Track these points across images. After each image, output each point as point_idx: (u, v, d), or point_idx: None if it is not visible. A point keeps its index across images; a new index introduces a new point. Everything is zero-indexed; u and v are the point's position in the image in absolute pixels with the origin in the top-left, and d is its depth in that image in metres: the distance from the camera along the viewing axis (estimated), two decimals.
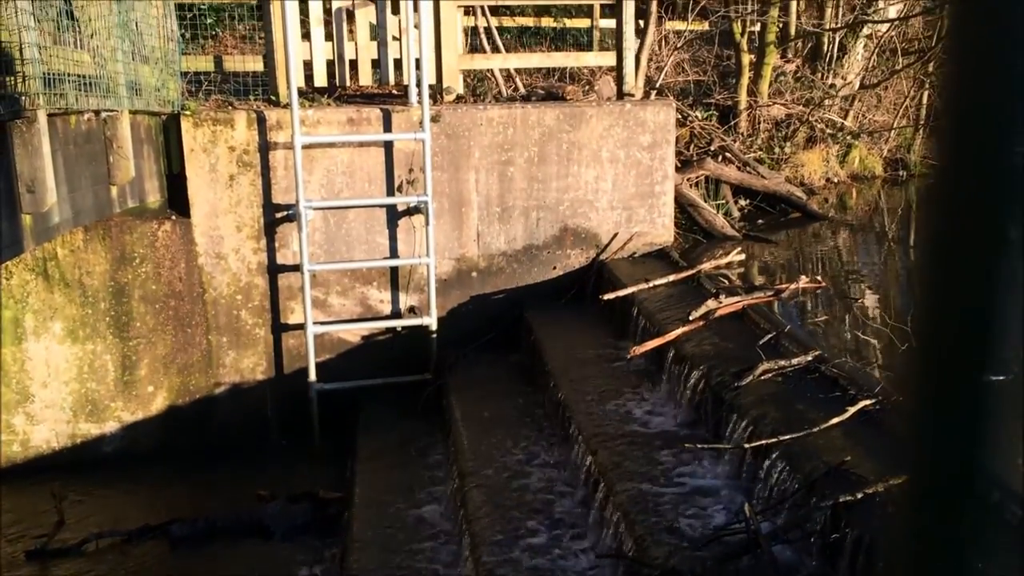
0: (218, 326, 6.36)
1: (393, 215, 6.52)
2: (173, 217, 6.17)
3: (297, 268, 6.31)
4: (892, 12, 10.32)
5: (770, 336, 4.71)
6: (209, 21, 8.06)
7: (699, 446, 4.08)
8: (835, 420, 3.62)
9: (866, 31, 10.56)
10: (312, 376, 6.35)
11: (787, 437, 3.59)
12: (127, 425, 6.22)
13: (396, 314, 6.67)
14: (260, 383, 6.49)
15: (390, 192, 6.47)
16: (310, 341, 6.31)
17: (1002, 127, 0.41)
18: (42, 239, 3.92)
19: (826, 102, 10.16)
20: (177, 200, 6.21)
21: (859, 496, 3.05)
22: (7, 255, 3.52)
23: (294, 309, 6.47)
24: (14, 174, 3.54)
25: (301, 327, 6.41)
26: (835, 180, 10.15)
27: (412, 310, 6.67)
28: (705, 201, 8.04)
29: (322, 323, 6.45)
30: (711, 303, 5.20)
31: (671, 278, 6.05)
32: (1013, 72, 0.40)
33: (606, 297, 6.06)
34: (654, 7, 8.24)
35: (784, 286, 5.48)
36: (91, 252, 5.96)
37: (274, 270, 6.40)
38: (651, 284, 5.97)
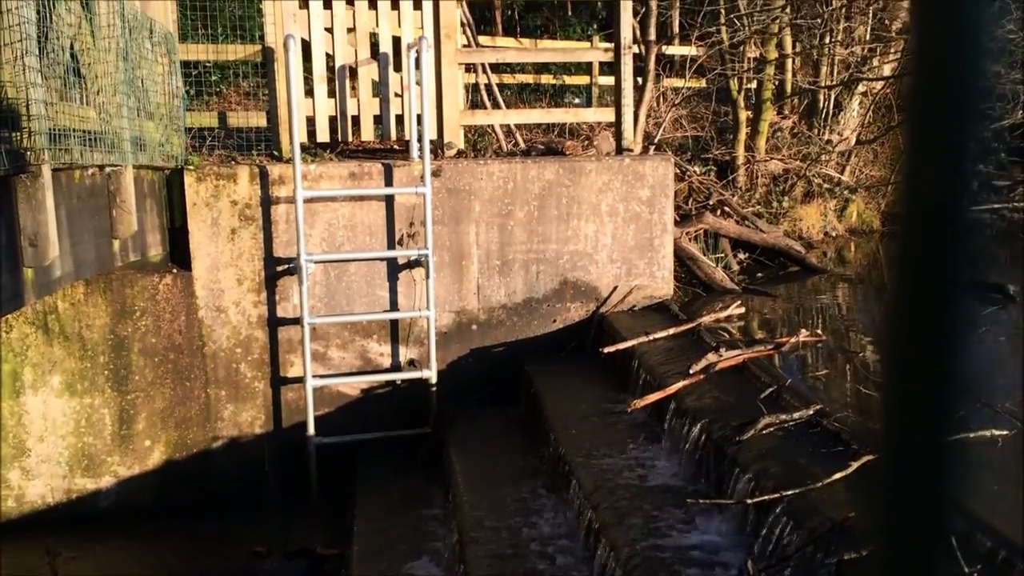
0: (217, 379, 6.34)
1: (394, 268, 6.55)
2: (174, 270, 6.19)
3: (297, 321, 6.31)
4: (887, 70, 10.49)
5: (771, 390, 4.69)
6: (214, 78, 8.20)
7: (701, 501, 4.04)
8: (838, 475, 3.59)
9: (861, 88, 10.72)
10: (311, 430, 6.31)
11: (790, 492, 3.55)
12: (123, 480, 6.16)
13: (396, 367, 6.65)
14: (258, 437, 6.45)
15: (391, 245, 6.51)
16: (309, 394, 6.28)
17: (956, 190, 0.44)
18: (43, 292, 3.94)
19: (823, 157, 10.27)
20: (179, 253, 6.24)
21: (863, 553, 3.01)
22: (8, 308, 3.52)
23: (293, 362, 6.46)
24: (17, 228, 3.56)
25: (300, 380, 6.39)
26: (833, 234, 10.21)
27: (412, 363, 6.66)
28: (704, 254, 8.08)
29: (321, 376, 6.43)
30: (711, 356, 5.20)
31: (671, 331, 6.05)
32: (966, 140, 0.43)
33: (606, 350, 6.05)
34: (652, 65, 8.38)
35: (784, 340, 5.47)
36: (91, 305, 5.97)
37: (274, 323, 6.40)
38: (651, 337, 5.97)
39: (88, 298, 5.95)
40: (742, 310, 6.63)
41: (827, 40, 10.35)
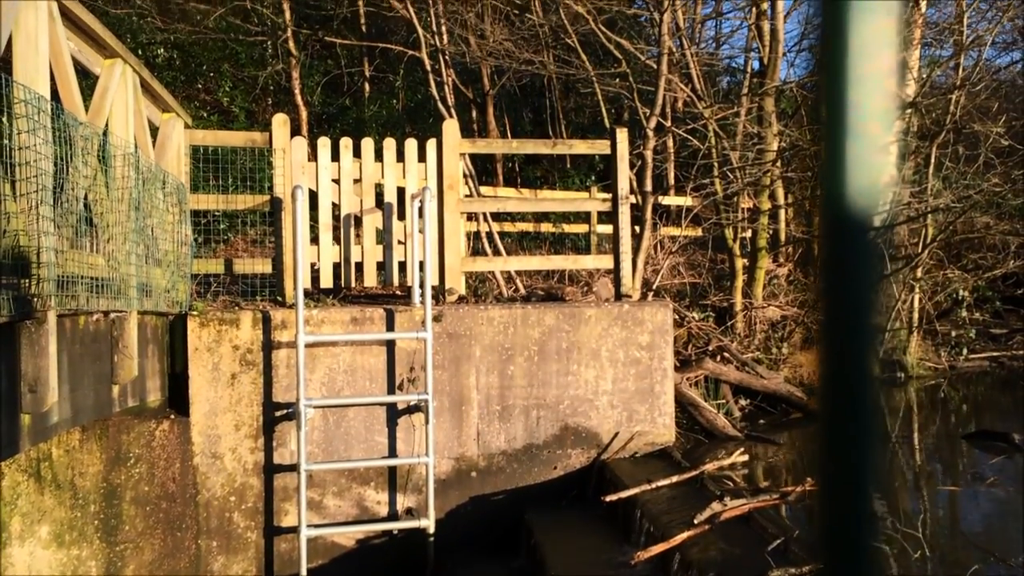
0: (209, 529, 6.17)
1: (393, 413, 6.50)
2: (172, 416, 6.14)
3: (294, 468, 6.20)
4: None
5: (779, 542, 4.56)
6: (223, 226, 8.41)
7: None
8: None
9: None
10: None
11: None
12: None
13: (393, 516, 6.48)
14: None
15: (391, 390, 6.48)
16: (303, 545, 6.10)
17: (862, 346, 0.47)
18: (39, 439, 3.89)
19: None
20: (177, 399, 6.21)
21: None
22: (3, 456, 3.48)
23: (288, 511, 6.30)
24: (18, 373, 3.56)
25: (294, 530, 6.22)
26: None
27: (409, 512, 6.50)
28: (705, 400, 8.03)
29: (316, 526, 6.26)
30: (716, 506, 5.08)
31: (674, 479, 5.93)
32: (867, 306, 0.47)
33: (609, 499, 5.91)
34: (649, 214, 8.61)
35: (790, 489, 5.36)
36: (86, 452, 5.89)
37: (270, 470, 6.29)
38: (654, 485, 5.85)
39: (83, 444, 5.88)
40: (745, 457, 6.53)
41: (818, 192, 10.65)
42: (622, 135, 7.36)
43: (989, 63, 12.36)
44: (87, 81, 5.63)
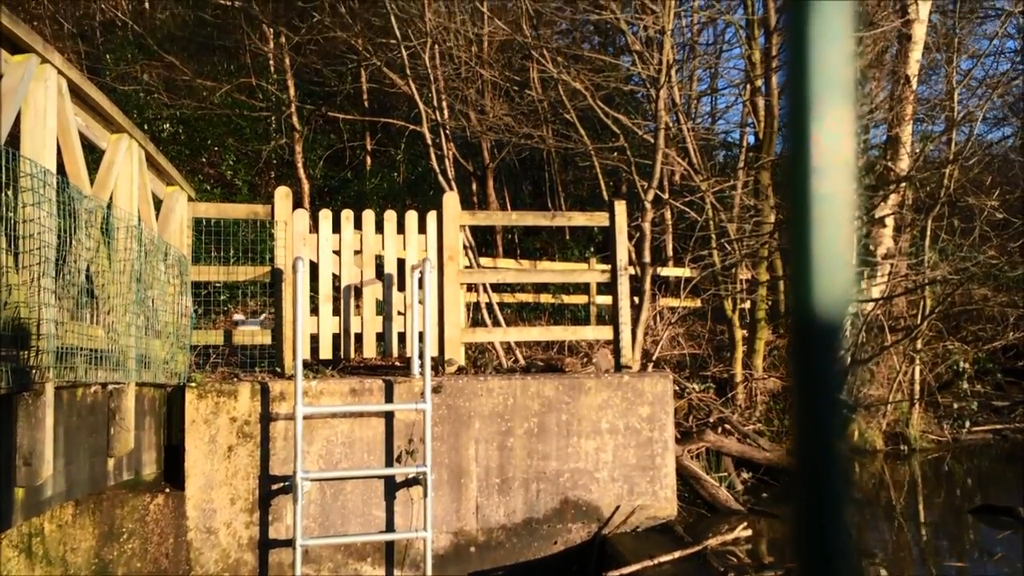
0: None
1: (391, 486, 6.42)
2: (167, 490, 6.06)
3: (290, 543, 6.10)
4: (875, 292, 10.80)
5: None
6: (223, 297, 8.43)
7: None
8: None
9: (852, 309, 10.99)
10: None
11: None
12: None
13: None
14: None
15: (389, 463, 6.41)
16: None
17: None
18: (32, 514, 3.84)
19: None
20: (173, 472, 6.14)
21: None
22: None
23: None
24: (14, 447, 3.54)
25: None
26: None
27: None
28: (707, 473, 7.94)
29: None
30: None
31: (676, 555, 5.83)
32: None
33: (610, 575, 5.80)
34: (648, 285, 8.64)
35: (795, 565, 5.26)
36: (79, 527, 5.79)
37: (265, 545, 6.18)
38: (656, 561, 5.75)
39: (76, 519, 5.78)
40: (749, 532, 6.43)
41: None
42: (620, 207, 7.45)
43: (981, 138, 12.58)
44: (93, 155, 5.72)
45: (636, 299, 8.61)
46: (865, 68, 11.50)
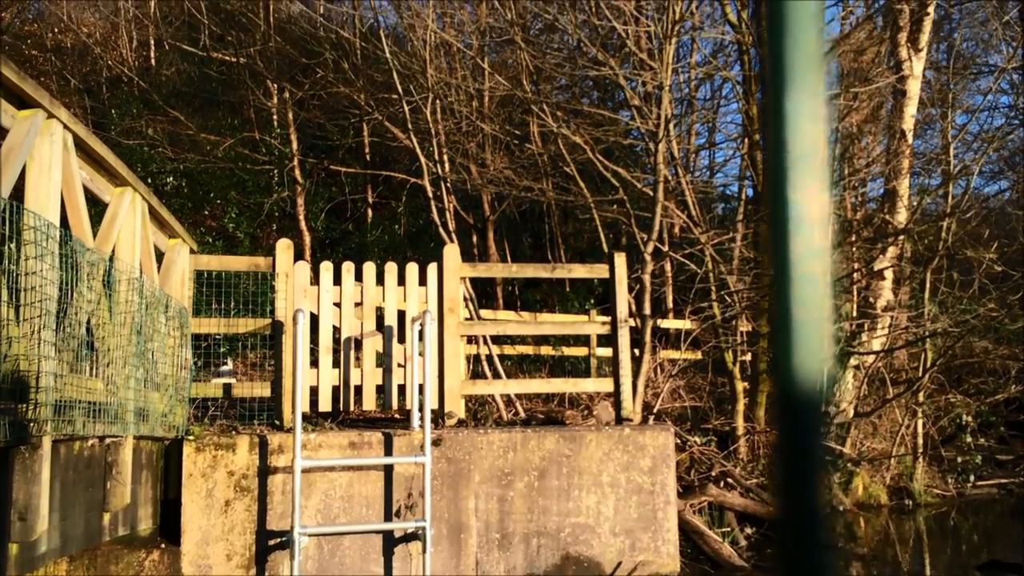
0: None
1: (390, 541, 6.33)
2: (163, 545, 5.98)
3: None
4: (876, 344, 10.79)
5: None
6: (223, 349, 8.42)
7: None
8: None
9: (853, 361, 10.96)
10: None
11: None
12: None
13: None
14: None
15: (388, 517, 6.34)
16: None
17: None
18: (25, 570, 3.78)
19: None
20: (169, 526, 6.06)
21: None
22: None
23: None
24: (9, 501, 3.50)
25: None
26: (840, 508, 9.97)
27: None
28: (710, 528, 7.84)
29: None
30: None
31: None
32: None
33: None
34: (648, 337, 8.64)
35: None
36: None
37: None
38: None
39: (70, 575, 5.69)
40: None
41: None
42: (620, 259, 7.48)
43: (977, 191, 12.69)
44: (97, 208, 5.77)
45: (636, 351, 8.59)
46: (861, 123, 11.64)
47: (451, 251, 7.38)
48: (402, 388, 7.07)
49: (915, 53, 11.34)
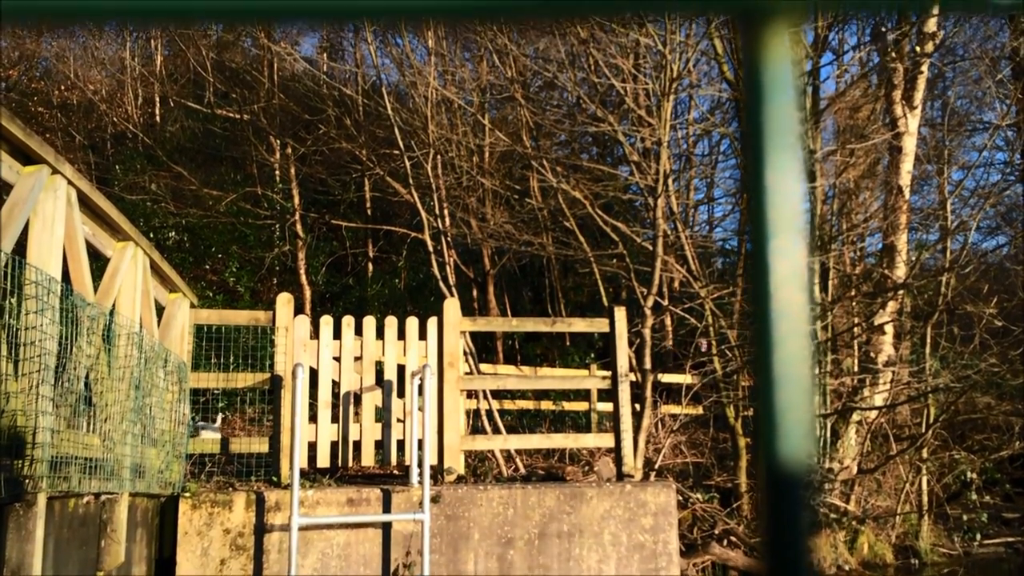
0: None
1: None
2: None
3: None
4: (878, 400, 10.73)
5: None
6: (221, 404, 8.37)
7: None
8: None
9: (856, 417, 10.89)
10: None
11: None
12: None
13: None
14: None
15: None
16: None
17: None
18: None
19: (826, 486, 10.16)
20: None
21: None
22: None
23: None
24: (2, 560, 3.44)
25: None
26: (846, 567, 9.81)
27: None
28: None
29: None
30: None
31: None
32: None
33: None
34: (648, 392, 8.59)
35: None
36: None
37: None
38: None
39: None
40: None
41: (817, 371, 10.71)
42: (620, 313, 7.47)
43: (976, 247, 12.74)
44: (99, 262, 5.79)
45: (637, 406, 8.54)
46: (858, 178, 11.75)
47: (451, 305, 7.38)
48: (401, 443, 7.01)
49: (910, 110, 11.50)
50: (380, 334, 7.21)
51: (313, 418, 6.96)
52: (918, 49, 11.34)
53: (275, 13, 0.45)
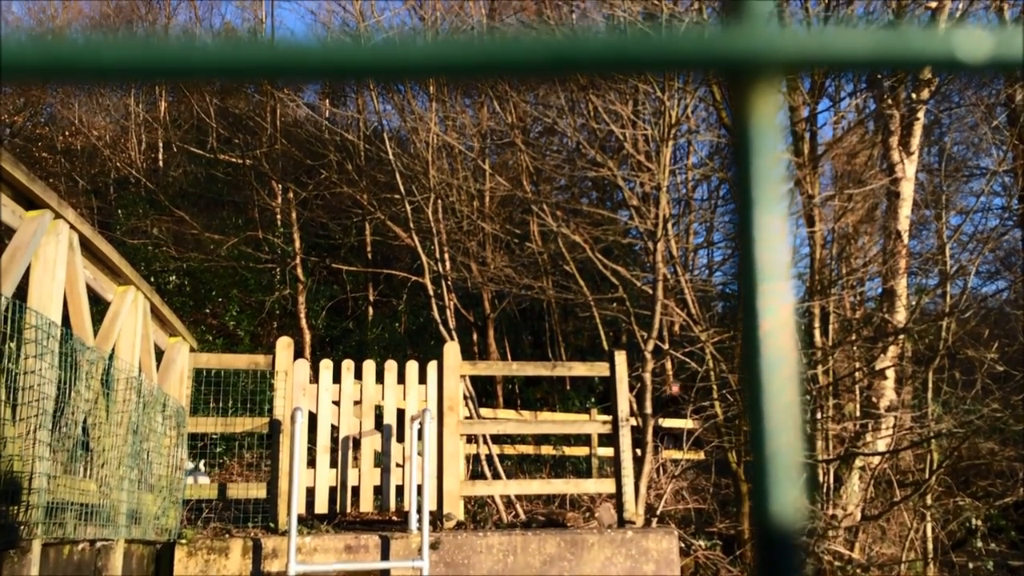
0: None
1: None
2: None
3: None
4: (880, 445, 10.66)
5: None
6: (219, 449, 8.32)
7: None
8: None
9: (859, 463, 10.81)
10: None
11: None
12: None
13: None
14: None
15: None
16: None
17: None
18: None
19: (829, 533, 10.05)
20: None
21: None
22: None
23: None
24: None
25: None
26: None
27: None
28: None
29: None
30: None
31: None
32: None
33: None
34: (650, 437, 8.54)
35: None
36: None
37: None
38: None
39: None
40: None
41: (819, 416, 10.66)
42: (621, 357, 7.46)
43: (975, 292, 12.77)
44: (99, 306, 5.79)
45: (638, 451, 8.48)
46: (857, 223, 11.81)
47: (451, 349, 7.37)
48: (400, 489, 6.95)
49: (907, 156, 11.59)
50: (380, 378, 7.19)
51: (312, 463, 6.91)
52: (914, 96, 11.48)
53: (276, 72, 0.46)
